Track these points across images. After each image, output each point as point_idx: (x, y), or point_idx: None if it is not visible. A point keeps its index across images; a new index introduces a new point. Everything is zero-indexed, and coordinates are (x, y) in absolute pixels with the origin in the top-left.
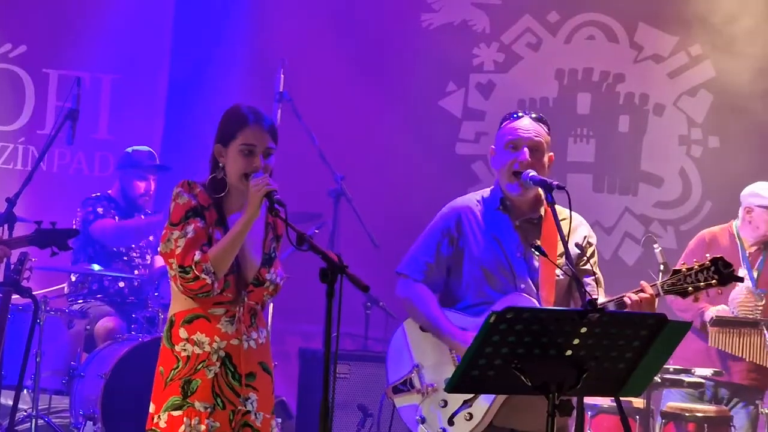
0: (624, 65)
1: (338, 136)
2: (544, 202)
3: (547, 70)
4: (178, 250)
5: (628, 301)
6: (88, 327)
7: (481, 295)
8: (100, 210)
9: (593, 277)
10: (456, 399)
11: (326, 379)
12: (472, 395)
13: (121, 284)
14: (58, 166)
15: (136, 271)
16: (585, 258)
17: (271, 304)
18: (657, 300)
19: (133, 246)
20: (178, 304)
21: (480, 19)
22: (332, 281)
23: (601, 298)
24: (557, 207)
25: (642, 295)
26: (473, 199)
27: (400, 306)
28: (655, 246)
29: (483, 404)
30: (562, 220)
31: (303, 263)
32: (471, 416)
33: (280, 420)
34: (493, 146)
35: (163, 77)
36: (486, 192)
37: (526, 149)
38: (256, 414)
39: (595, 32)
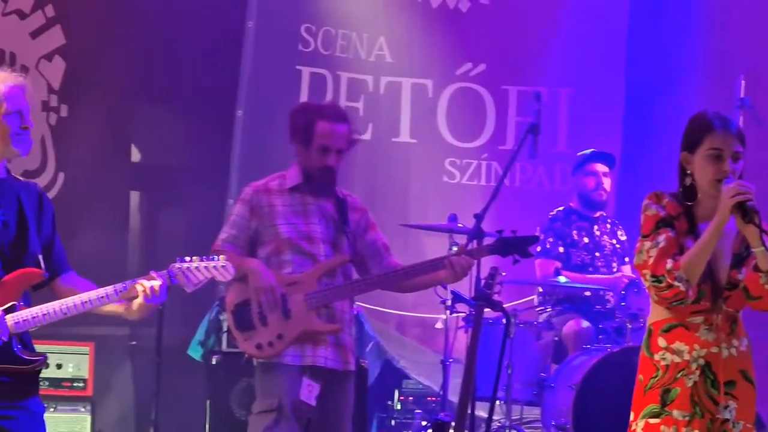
0: None
1: None
2: None
3: None
4: (651, 261)
5: None
6: (556, 338)
7: None
8: (550, 240)
9: None
10: None
11: None
12: None
13: (587, 293)
14: (520, 180)
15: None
16: None
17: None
18: None
19: (598, 254)
20: (656, 314)
21: None
22: None
23: None
24: None
25: None
26: None
27: None
28: None
29: None
30: None
31: None
32: None
33: None
34: None
35: (620, 87)
36: None
37: None
38: (734, 423)
39: None
